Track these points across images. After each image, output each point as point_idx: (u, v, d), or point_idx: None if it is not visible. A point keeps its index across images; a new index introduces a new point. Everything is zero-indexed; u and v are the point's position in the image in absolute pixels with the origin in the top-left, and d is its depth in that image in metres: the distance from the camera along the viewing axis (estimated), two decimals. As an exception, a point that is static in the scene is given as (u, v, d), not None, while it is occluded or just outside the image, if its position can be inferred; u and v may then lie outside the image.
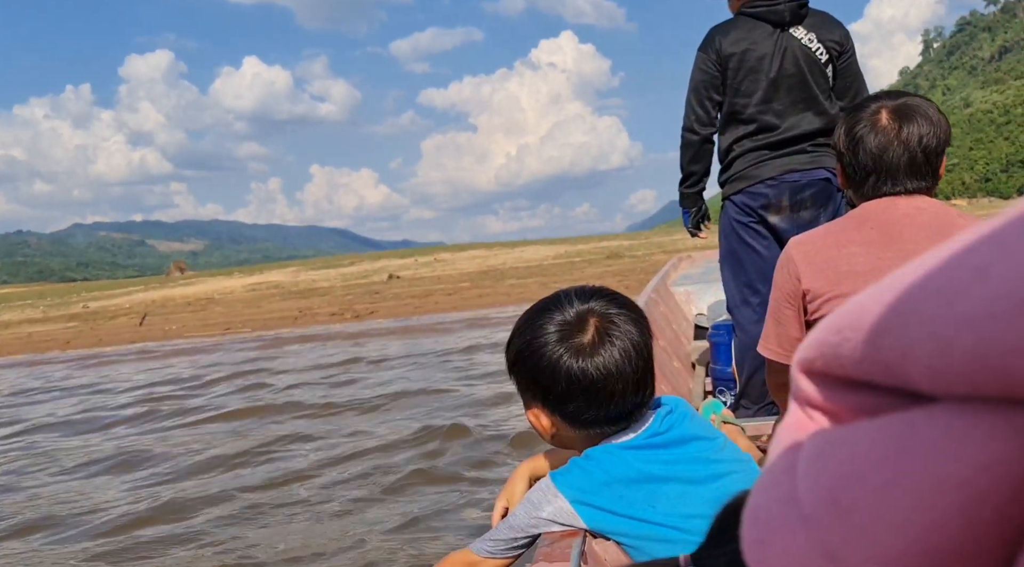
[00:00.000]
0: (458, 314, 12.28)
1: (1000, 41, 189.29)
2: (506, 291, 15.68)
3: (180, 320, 15.63)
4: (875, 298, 0.21)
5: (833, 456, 0.21)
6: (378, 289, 20.35)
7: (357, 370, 6.91)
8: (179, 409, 5.82)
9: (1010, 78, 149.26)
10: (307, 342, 10.08)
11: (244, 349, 9.99)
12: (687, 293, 4.21)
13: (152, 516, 3.27)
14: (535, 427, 1.04)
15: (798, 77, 2.39)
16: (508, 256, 32.38)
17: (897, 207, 1.34)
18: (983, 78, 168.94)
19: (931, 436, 0.19)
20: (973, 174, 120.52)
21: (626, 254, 25.45)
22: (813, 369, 0.23)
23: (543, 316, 1.00)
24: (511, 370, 1.04)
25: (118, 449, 4.66)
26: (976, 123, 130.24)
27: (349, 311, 14.42)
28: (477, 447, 3.78)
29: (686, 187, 2.62)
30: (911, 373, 0.19)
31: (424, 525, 2.86)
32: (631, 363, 0.96)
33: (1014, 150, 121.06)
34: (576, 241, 42.50)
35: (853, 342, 0.21)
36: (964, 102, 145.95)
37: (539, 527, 0.97)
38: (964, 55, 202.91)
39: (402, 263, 32.78)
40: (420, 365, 6.86)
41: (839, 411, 0.22)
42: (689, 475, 0.97)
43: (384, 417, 4.82)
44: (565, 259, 27.01)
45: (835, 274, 1.37)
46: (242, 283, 27.53)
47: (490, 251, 37.92)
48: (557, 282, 16.34)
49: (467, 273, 24.24)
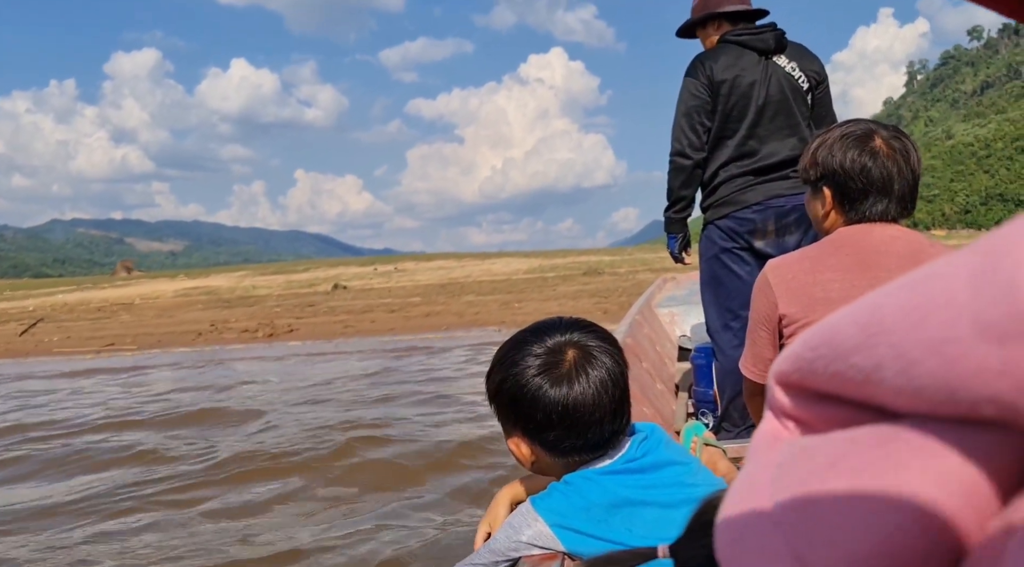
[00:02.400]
0: (384, 339, 10.56)
1: (983, 76, 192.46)
2: (459, 310, 13.99)
3: (72, 330, 13.87)
4: (849, 318, 0.22)
5: (802, 464, 0.22)
6: (316, 301, 18.63)
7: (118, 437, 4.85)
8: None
9: (991, 112, 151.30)
10: (172, 367, 8.37)
11: (65, 374, 8.21)
12: (672, 315, 4.18)
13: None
14: (515, 455, 1.05)
15: (783, 104, 2.44)
16: (476, 268, 30.64)
17: (872, 234, 1.38)
18: (965, 111, 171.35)
19: (893, 448, 0.20)
20: (953, 205, 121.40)
21: (606, 271, 23.68)
22: (789, 381, 0.24)
23: (523, 348, 1.02)
24: (492, 400, 1.06)
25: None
26: (957, 155, 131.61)
27: (267, 327, 12.86)
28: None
29: (675, 212, 2.60)
30: (878, 390, 0.20)
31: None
32: (608, 393, 0.98)
33: (994, 184, 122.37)
34: (553, 255, 40.69)
35: (826, 358, 0.22)
36: (946, 134, 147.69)
37: (519, 551, 0.98)
38: (947, 88, 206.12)
39: (358, 271, 31.09)
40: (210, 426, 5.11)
41: (811, 422, 0.23)
42: (665, 499, 0.98)
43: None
44: (537, 274, 25.32)
45: (810, 299, 1.40)
46: (179, 287, 25.83)
47: (459, 262, 36.17)
48: (521, 301, 14.67)
49: (423, 286, 22.58)
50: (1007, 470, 0.19)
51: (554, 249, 51.35)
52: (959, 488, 0.19)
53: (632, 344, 2.91)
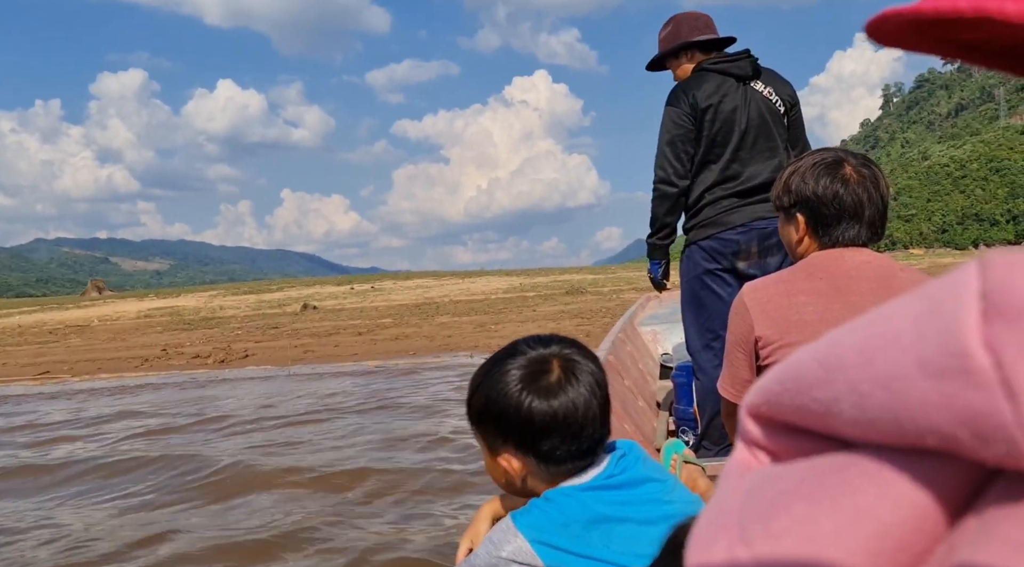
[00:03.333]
0: (343, 366, 10.11)
1: (957, 98, 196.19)
2: (431, 333, 13.60)
3: (12, 355, 13.35)
4: (812, 354, 0.23)
5: (768, 490, 0.23)
6: (281, 322, 18.15)
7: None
8: None
9: (966, 134, 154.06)
10: (90, 395, 7.89)
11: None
12: (654, 333, 4.20)
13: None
14: (505, 472, 1.04)
15: (763, 127, 2.50)
16: (455, 287, 30.25)
17: (844, 259, 1.41)
18: (940, 133, 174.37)
19: (849, 475, 0.21)
20: (931, 225, 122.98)
21: (589, 289, 23.31)
22: (759, 413, 0.25)
23: (504, 364, 1.02)
24: (477, 420, 1.05)
25: None
26: (934, 176, 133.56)
27: (222, 352, 12.38)
28: None
29: (659, 238, 2.65)
30: (837, 422, 0.22)
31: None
32: (596, 397, 1.00)
33: (969, 204, 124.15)
34: (535, 273, 40.25)
35: (791, 392, 0.23)
36: (922, 155, 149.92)
37: (499, 566, 0.98)
38: (923, 110, 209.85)
39: (334, 291, 30.54)
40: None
41: (780, 452, 0.25)
42: (642, 516, 0.99)
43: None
44: (518, 293, 24.96)
45: (785, 323, 1.42)
46: (144, 307, 25.21)
47: (438, 281, 35.70)
48: (498, 322, 14.33)
49: (397, 306, 22.15)
50: (953, 495, 0.20)
51: (537, 267, 50.86)
52: (910, 513, 0.20)
53: (614, 362, 2.89)
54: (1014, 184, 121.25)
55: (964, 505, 0.20)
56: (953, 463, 0.20)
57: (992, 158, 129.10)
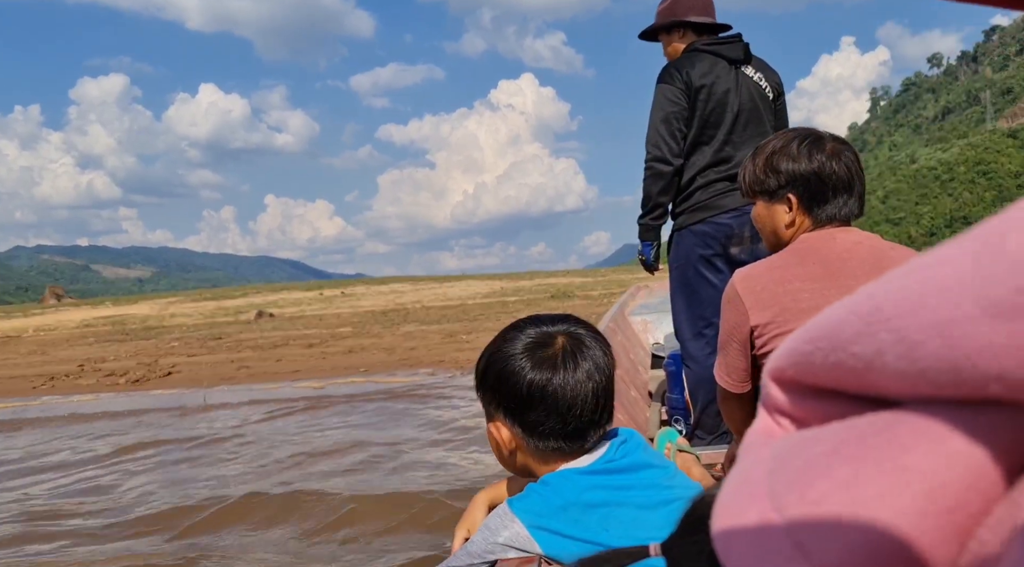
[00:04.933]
0: (272, 387, 8.35)
1: (943, 102, 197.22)
2: (391, 344, 11.85)
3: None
4: (846, 309, 0.22)
5: (801, 453, 0.22)
6: (228, 333, 16.39)
7: None
8: None
9: (953, 137, 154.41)
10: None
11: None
12: (644, 322, 4.24)
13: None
14: (496, 441, 1.04)
15: (754, 112, 2.51)
16: (431, 293, 28.56)
17: (836, 241, 1.40)
18: (927, 136, 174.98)
19: (897, 433, 0.20)
20: (919, 228, 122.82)
21: (577, 294, 21.46)
22: (784, 377, 0.24)
23: (513, 332, 1.04)
24: (480, 384, 1.06)
25: None
26: (921, 179, 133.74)
27: (144, 368, 10.73)
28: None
29: (651, 218, 2.59)
30: (880, 377, 0.20)
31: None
32: (593, 381, 0.99)
33: (957, 206, 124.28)
34: (519, 277, 38.41)
35: (824, 350, 0.22)
36: (910, 158, 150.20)
37: (496, 552, 0.97)
38: (909, 114, 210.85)
39: (301, 296, 28.77)
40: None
41: (806, 418, 0.23)
42: (642, 500, 0.98)
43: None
44: (497, 298, 23.23)
45: (781, 309, 1.41)
46: (89, 316, 23.40)
47: (415, 285, 33.93)
48: (470, 331, 12.57)
49: (362, 313, 20.41)
50: (1012, 451, 0.19)
51: (521, 272, 49.15)
52: (965, 470, 0.19)
53: None
54: (1001, 187, 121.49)
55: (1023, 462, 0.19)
56: (1013, 415, 0.19)
57: (979, 161, 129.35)
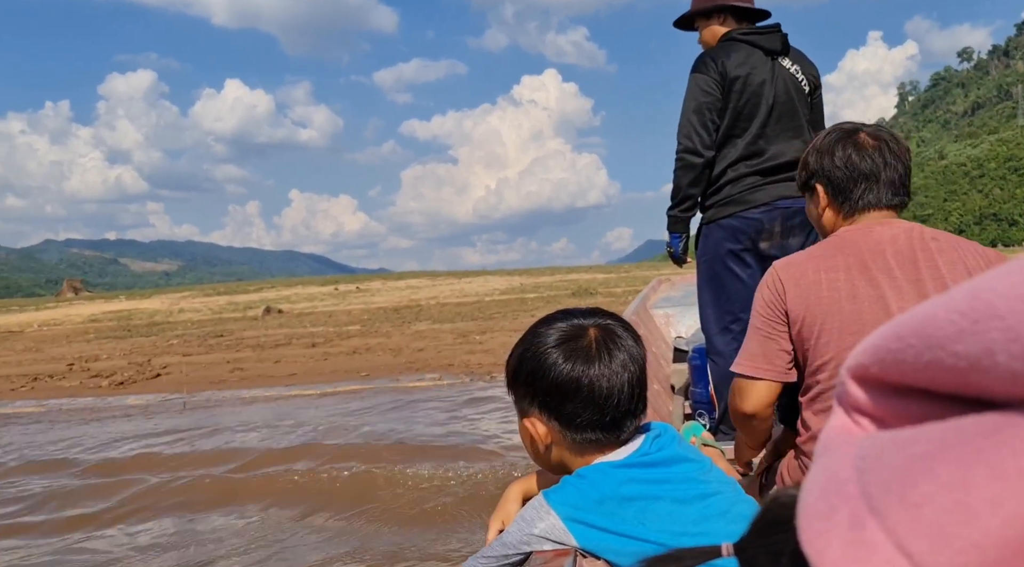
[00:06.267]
0: (262, 393, 7.99)
1: (973, 97, 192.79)
2: (399, 344, 11.46)
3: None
4: (943, 307, 0.21)
5: (898, 453, 0.21)
6: (230, 330, 16.11)
7: None
8: None
9: (983, 133, 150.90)
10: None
11: None
12: (667, 316, 4.20)
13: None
14: (532, 437, 1.03)
15: (789, 105, 2.45)
16: (448, 288, 28.05)
17: (872, 233, 1.42)
18: (957, 132, 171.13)
19: (1009, 435, 0.19)
20: (947, 225, 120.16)
21: (599, 290, 20.65)
22: (866, 375, 0.23)
23: (544, 327, 1.03)
24: (513, 380, 1.05)
25: None
26: (950, 176, 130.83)
27: (134, 368, 10.55)
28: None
29: (681, 210, 2.53)
30: (985, 378, 0.19)
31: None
32: (628, 370, 0.99)
33: (987, 203, 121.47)
34: (539, 272, 37.61)
35: (917, 348, 0.21)
36: (939, 154, 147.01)
37: (531, 544, 0.97)
38: (938, 109, 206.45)
39: (316, 291, 28.42)
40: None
41: (888, 417, 0.22)
42: (678, 494, 0.97)
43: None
44: (516, 294, 22.62)
45: (816, 299, 1.42)
46: (98, 311, 23.28)
47: (432, 281, 33.42)
48: (485, 331, 12.15)
49: (374, 310, 20.00)
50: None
51: (542, 267, 48.23)
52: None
53: None
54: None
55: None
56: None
57: (1010, 157, 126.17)
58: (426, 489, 3.70)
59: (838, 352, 1.39)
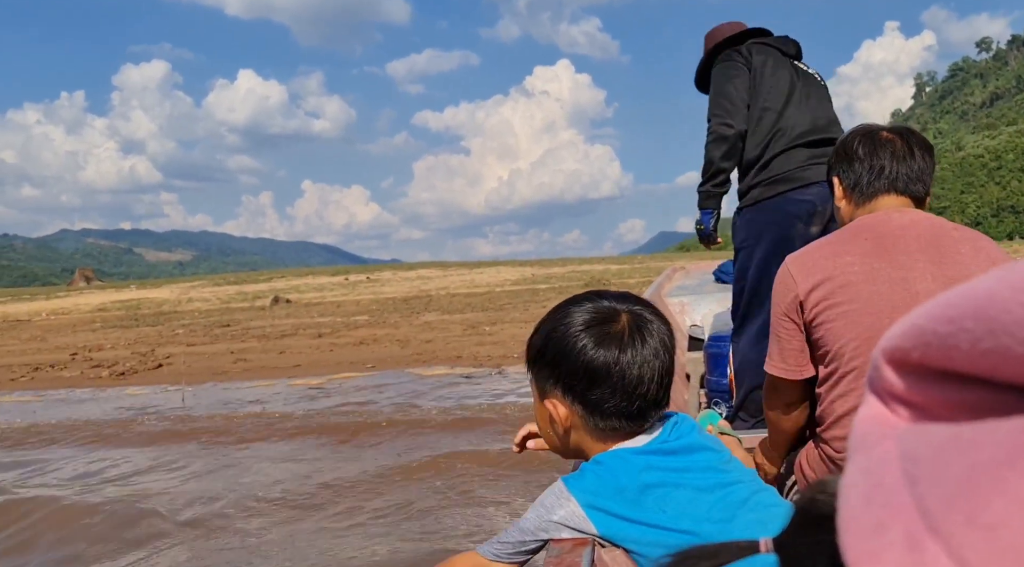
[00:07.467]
0: (259, 385, 7.89)
1: (992, 88, 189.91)
2: (406, 335, 11.36)
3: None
4: (1006, 286, 0.18)
5: (959, 460, 0.18)
6: (237, 319, 16.05)
7: None
8: None
9: (1002, 124, 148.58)
10: None
11: None
12: (682, 304, 4.21)
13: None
14: (551, 418, 1.00)
15: (820, 95, 2.46)
16: (458, 279, 27.88)
17: (891, 220, 1.41)
18: (975, 123, 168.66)
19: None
20: (964, 217, 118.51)
21: (613, 281, 20.30)
22: (906, 360, 0.21)
23: (572, 306, 0.99)
24: (535, 360, 1.01)
25: None
26: (968, 167, 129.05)
27: (136, 358, 10.51)
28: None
29: (714, 185, 2.49)
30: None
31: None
32: (660, 359, 0.96)
33: (1005, 195, 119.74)
34: (551, 263, 37.31)
35: (974, 333, 0.19)
36: (956, 146, 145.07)
37: (549, 531, 0.95)
38: (956, 100, 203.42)
39: (326, 281, 28.34)
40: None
41: (929, 405, 0.20)
42: (698, 482, 0.96)
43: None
44: (527, 285, 22.37)
45: (830, 283, 1.42)
46: (107, 300, 23.36)
47: (443, 271, 33.23)
48: (495, 322, 12.01)
49: (384, 300, 19.86)
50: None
51: (555, 258, 47.75)
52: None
53: None
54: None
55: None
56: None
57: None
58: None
59: (856, 334, 1.38)
